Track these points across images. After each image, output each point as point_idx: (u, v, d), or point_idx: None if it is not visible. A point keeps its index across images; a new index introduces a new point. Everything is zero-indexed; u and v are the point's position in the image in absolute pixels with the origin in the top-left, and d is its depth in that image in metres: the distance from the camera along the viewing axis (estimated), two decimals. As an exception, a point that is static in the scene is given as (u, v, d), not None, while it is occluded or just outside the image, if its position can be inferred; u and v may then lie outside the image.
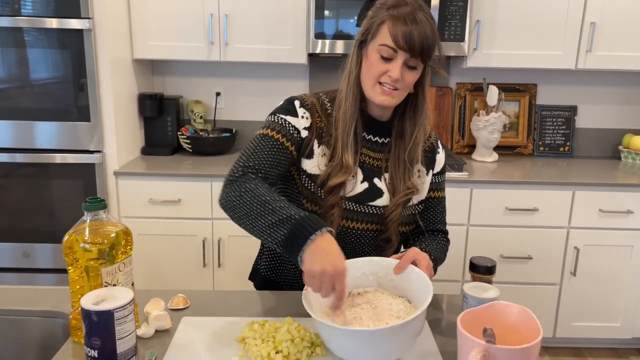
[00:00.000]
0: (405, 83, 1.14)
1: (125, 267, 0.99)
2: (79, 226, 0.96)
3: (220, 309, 1.15)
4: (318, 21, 2.43)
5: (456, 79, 2.92)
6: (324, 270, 0.93)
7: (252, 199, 1.05)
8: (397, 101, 1.17)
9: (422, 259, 1.08)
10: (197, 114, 2.83)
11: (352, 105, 1.17)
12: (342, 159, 1.16)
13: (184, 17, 2.49)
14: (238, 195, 1.07)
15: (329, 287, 0.94)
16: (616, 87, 2.93)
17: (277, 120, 1.19)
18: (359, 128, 1.19)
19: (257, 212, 1.03)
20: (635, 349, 2.64)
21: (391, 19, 1.10)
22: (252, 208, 1.04)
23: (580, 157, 2.95)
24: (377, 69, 1.12)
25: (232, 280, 2.48)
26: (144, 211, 2.38)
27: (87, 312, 0.85)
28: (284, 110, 1.20)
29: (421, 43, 1.08)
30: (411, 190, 1.22)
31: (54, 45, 2.23)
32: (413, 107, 1.22)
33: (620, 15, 2.49)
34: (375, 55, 1.12)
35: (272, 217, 1.01)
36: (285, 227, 0.99)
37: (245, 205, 1.05)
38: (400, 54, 1.10)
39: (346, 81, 1.19)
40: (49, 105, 2.28)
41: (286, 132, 1.17)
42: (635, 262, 2.46)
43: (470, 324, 0.89)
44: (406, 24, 1.08)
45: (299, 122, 1.19)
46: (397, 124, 1.24)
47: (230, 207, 1.08)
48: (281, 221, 1.00)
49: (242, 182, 1.08)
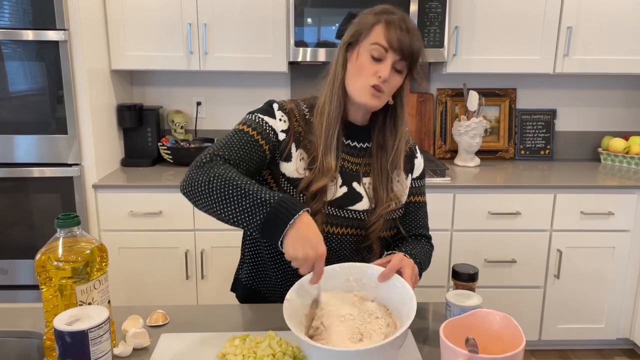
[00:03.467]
0: (391, 86, 1.15)
1: (100, 285, 0.96)
2: (51, 244, 0.94)
3: (201, 324, 1.13)
4: (298, 29, 2.42)
5: (437, 85, 2.94)
6: (306, 256, 0.96)
7: (222, 184, 1.02)
8: (381, 103, 1.17)
9: (407, 267, 1.07)
10: (177, 124, 2.81)
11: (337, 108, 1.18)
12: (324, 162, 1.16)
13: (162, 27, 2.47)
14: (206, 180, 1.03)
15: (309, 268, 0.98)
16: (594, 90, 2.97)
17: (254, 118, 1.19)
18: (340, 134, 1.20)
19: (228, 197, 1.01)
20: (620, 350, 2.66)
21: (385, 22, 1.12)
22: (223, 193, 1.01)
23: (561, 160, 2.98)
24: (368, 69, 1.13)
25: (216, 292, 2.44)
26: (124, 224, 2.35)
27: (60, 333, 0.83)
28: (263, 111, 1.21)
29: (411, 48, 1.12)
30: (394, 200, 1.23)
31: (31, 57, 2.19)
32: (393, 118, 1.23)
33: (596, 19, 2.53)
34: (366, 55, 1.13)
35: (246, 201, 0.99)
36: (261, 211, 0.98)
37: (215, 190, 1.02)
38: (390, 56, 1.12)
39: (330, 85, 1.19)
40: (26, 118, 2.24)
41: (262, 130, 1.17)
42: (618, 263, 2.48)
43: (453, 332, 0.89)
44: (400, 29, 1.11)
45: (276, 123, 1.19)
46: (378, 134, 1.24)
47: (197, 192, 1.04)
48: (256, 205, 0.99)
49: (210, 167, 1.06)
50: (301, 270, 0.99)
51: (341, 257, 1.23)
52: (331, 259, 1.19)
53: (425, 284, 2.07)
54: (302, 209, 0.98)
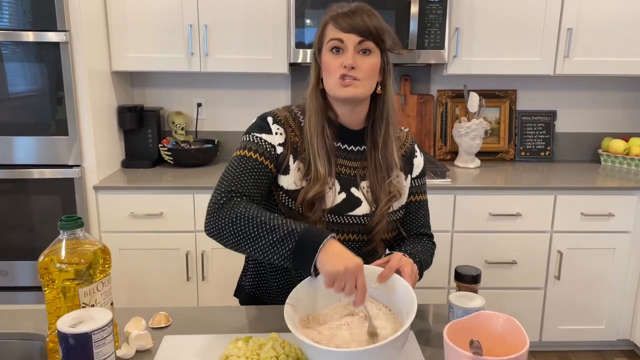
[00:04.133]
0: (364, 71, 1.13)
1: (103, 287, 0.96)
2: (54, 246, 0.93)
3: (203, 326, 1.13)
4: (299, 30, 2.42)
5: (437, 86, 2.94)
6: (346, 268, 0.95)
7: (247, 223, 1.04)
8: (361, 91, 1.15)
9: (406, 265, 1.06)
10: (178, 126, 2.81)
11: (314, 116, 1.18)
12: (316, 169, 1.16)
13: (163, 28, 2.47)
14: (230, 222, 1.06)
15: (353, 282, 0.96)
16: (594, 92, 2.97)
17: (252, 139, 1.18)
18: (328, 138, 1.19)
19: (255, 234, 1.03)
20: (620, 351, 2.66)
21: (330, 17, 1.15)
22: (248, 231, 1.04)
23: (561, 162, 2.98)
24: (333, 65, 1.13)
25: (217, 293, 2.44)
26: (125, 226, 2.34)
27: (63, 335, 0.83)
28: (258, 128, 1.20)
29: (364, 24, 1.11)
30: (393, 194, 1.22)
31: (31, 58, 2.19)
32: (380, 108, 1.22)
33: (596, 21, 2.54)
34: (328, 54, 1.15)
35: (273, 235, 1.02)
36: (290, 241, 1.00)
37: (240, 230, 1.05)
38: (349, 41, 1.12)
39: (310, 92, 1.21)
40: (26, 119, 2.24)
41: (263, 150, 1.17)
42: (618, 265, 2.48)
43: (456, 334, 0.89)
44: (347, 15, 1.12)
45: (273, 138, 1.19)
46: (370, 131, 1.24)
47: (223, 234, 1.07)
48: (284, 237, 1.01)
49: (231, 208, 1.07)
50: (347, 289, 0.96)
51: None
52: None
53: (426, 285, 2.07)
54: (329, 234, 0.99)
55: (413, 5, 2.41)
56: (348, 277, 0.95)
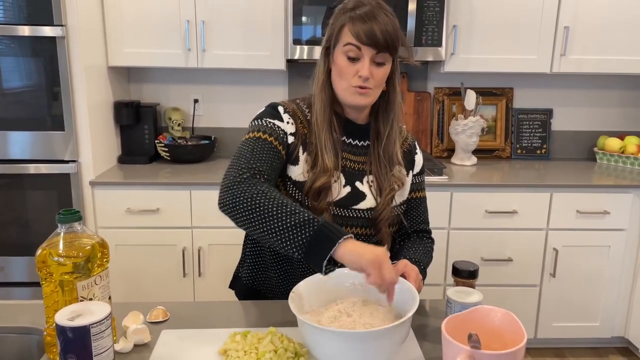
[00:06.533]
0: (377, 80, 1.15)
1: (101, 281, 0.96)
2: (52, 239, 0.93)
3: (201, 321, 1.13)
4: (296, 27, 2.42)
5: (434, 84, 2.94)
6: (375, 256, 0.92)
7: (267, 202, 1.01)
8: (371, 100, 1.18)
9: (411, 271, 1.09)
10: (175, 122, 2.80)
11: (322, 111, 1.19)
12: (323, 161, 1.17)
13: (160, 24, 2.46)
14: (249, 197, 1.02)
15: (388, 269, 0.93)
16: (590, 90, 2.98)
17: (265, 123, 1.18)
18: (336, 132, 1.20)
19: (273, 214, 1.00)
20: (614, 348, 2.68)
21: (350, 20, 1.12)
22: (267, 210, 1.00)
23: (557, 160, 2.99)
24: (347, 71, 1.14)
25: (214, 289, 2.44)
26: (121, 221, 2.34)
27: (62, 328, 0.82)
28: (270, 115, 1.20)
29: (384, 37, 1.10)
30: (396, 183, 1.24)
31: (27, 53, 2.18)
32: (385, 105, 1.23)
33: (593, 19, 2.54)
34: (342, 57, 1.14)
35: (292, 218, 0.98)
36: (308, 229, 0.97)
37: (259, 207, 1.01)
38: (366, 52, 1.12)
39: (316, 88, 1.21)
40: (22, 114, 2.23)
41: (277, 135, 1.17)
42: (613, 262, 2.49)
43: (454, 329, 0.89)
44: (365, 22, 1.10)
45: (285, 126, 1.19)
46: (374, 124, 1.25)
47: (240, 209, 1.03)
48: (303, 223, 0.97)
49: (253, 184, 1.05)
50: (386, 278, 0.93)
51: None
52: None
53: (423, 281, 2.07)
54: (347, 234, 0.97)
55: (411, 3, 2.41)
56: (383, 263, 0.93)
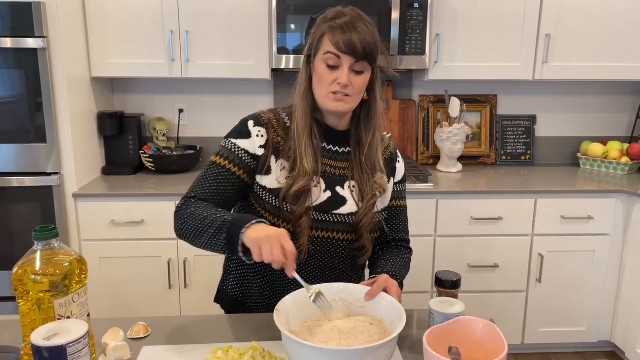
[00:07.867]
0: (356, 88, 1.17)
1: (79, 298, 0.95)
2: (29, 257, 0.92)
3: (183, 336, 1.12)
4: (280, 36, 2.42)
5: (419, 92, 2.96)
6: (267, 234, 0.99)
7: (193, 221, 1.12)
8: (350, 107, 1.20)
9: (392, 286, 1.10)
10: (159, 132, 2.78)
11: (303, 117, 1.21)
12: (301, 166, 1.19)
13: (143, 34, 2.45)
14: (182, 222, 1.15)
15: (279, 247, 0.98)
16: (572, 96, 3.02)
17: (227, 146, 1.23)
18: (316, 139, 1.22)
19: (200, 230, 1.10)
20: (601, 352, 2.70)
21: (330, 30, 1.15)
22: (195, 228, 1.11)
23: (541, 165, 3.02)
24: (327, 79, 1.16)
25: (200, 301, 2.42)
26: (105, 234, 2.31)
27: (37, 349, 0.81)
28: (236, 133, 1.24)
29: (362, 46, 1.13)
30: (378, 189, 1.25)
31: (9, 65, 2.16)
32: (367, 113, 1.25)
33: (574, 27, 2.57)
34: (322, 65, 1.16)
35: (211, 228, 1.08)
36: (223, 231, 1.06)
37: (191, 228, 1.12)
38: (345, 60, 1.14)
39: (298, 95, 1.22)
40: (4, 126, 2.20)
41: (234, 157, 1.21)
42: (598, 267, 2.52)
43: (436, 340, 0.89)
44: (345, 31, 1.13)
45: (251, 143, 1.21)
46: (355, 132, 1.27)
47: (182, 234, 1.16)
48: (219, 229, 1.07)
49: (184, 210, 1.16)
50: (275, 254, 0.98)
51: (333, 261, 1.25)
52: (323, 263, 1.23)
53: (409, 290, 2.07)
54: (257, 220, 1.05)
55: (394, 12, 2.43)
56: (272, 241, 0.98)
